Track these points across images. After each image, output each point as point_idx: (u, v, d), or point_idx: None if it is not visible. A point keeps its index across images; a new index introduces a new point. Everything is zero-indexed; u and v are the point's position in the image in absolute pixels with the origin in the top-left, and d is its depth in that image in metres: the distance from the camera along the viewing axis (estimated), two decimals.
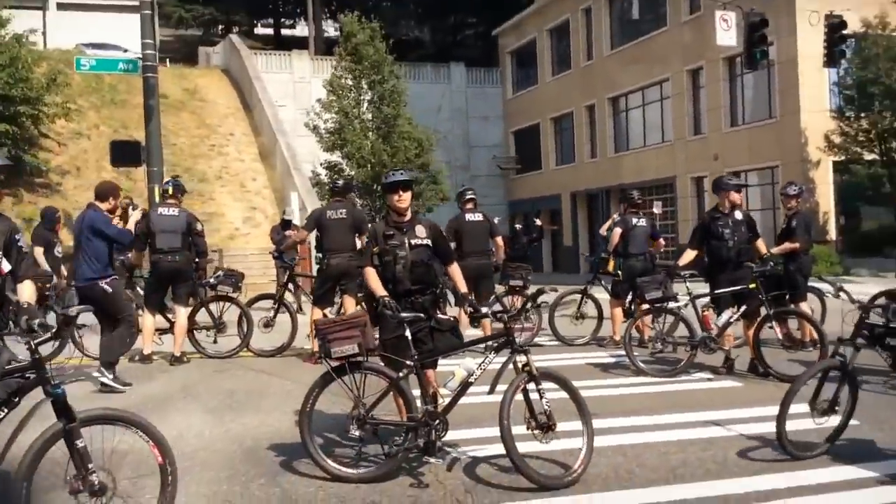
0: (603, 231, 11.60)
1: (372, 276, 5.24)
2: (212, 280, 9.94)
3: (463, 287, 5.42)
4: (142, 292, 9.78)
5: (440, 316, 5.29)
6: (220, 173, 27.08)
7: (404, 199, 5.31)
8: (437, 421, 4.86)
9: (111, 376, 7.72)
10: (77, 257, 7.98)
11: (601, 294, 10.75)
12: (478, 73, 40.93)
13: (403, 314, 4.96)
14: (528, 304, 7.03)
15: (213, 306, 9.99)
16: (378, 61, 25.23)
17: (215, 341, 9.93)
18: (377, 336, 5.25)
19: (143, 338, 9.08)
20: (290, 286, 11.64)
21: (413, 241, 5.30)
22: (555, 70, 35.20)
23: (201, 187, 25.88)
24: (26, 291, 4.19)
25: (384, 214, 5.61)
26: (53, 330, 3.89)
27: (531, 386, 4.77)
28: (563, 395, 4.90)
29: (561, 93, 34.01)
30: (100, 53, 24.64)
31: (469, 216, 9.91)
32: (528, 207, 35.35)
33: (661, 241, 10.45)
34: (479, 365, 4.93)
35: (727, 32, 18.21)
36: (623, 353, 8.59)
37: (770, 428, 5.23)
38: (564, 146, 34.98)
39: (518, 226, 15.67)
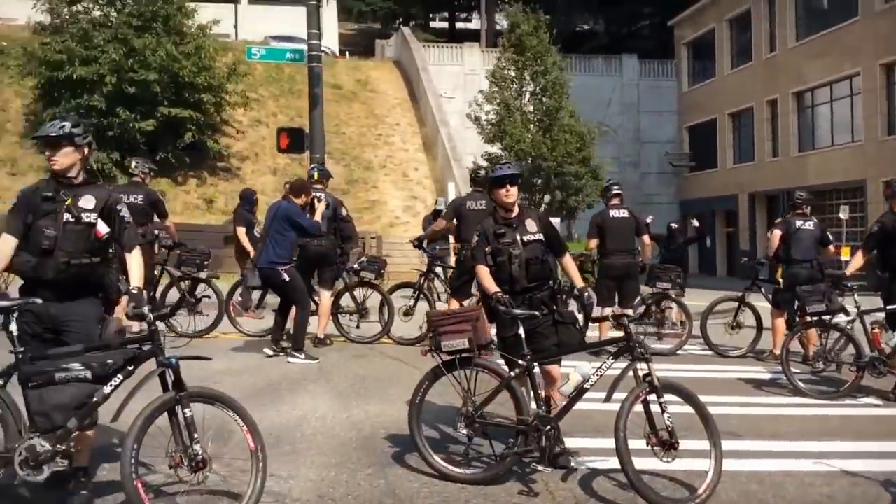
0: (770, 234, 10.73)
1: (484, 275, 5.05)
2: (356, 266, 10.10)
3: (579, 281, 5.16)
4: None
5: (564, 309, 5.06)
6: (385, 162, 27.73)
7: (512, 194, 5.12)
8: (549, 427, 4.58)
9: (302, 356, 8.47)
10: (265, 242, 8.64)
11: (761, 303, 9.93)
12: (651, 65, 39.44)
13: (516, 310, 4.73)
14: (652, 307, 6.57)
15: (356, 292, 10.14)
16: (541, 52, 24.88)
17: (358, 326, 10.09)
18: (496, 334, 5.04)
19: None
20: (434, 277, 11.59)
21: (525, 238, 5.09)
22: (734, 62, 33.25)
23: (366, 175, 26.64)
24: (135, 269, 4.15)
25: (492, 211, 5.39)
26: (167, 310, 4.01)
27: (652, 398, 4.38)
28: (689, 409, 4.47)
29: (741, 86, 32.06)
30: (284, 45, 25.86)
31: (613, 212, 9.43)
32: (702, 207, 33.71)
33: (832, 248, 9.47)
34: (596, 370, 4.60)
35: None
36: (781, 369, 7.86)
37: None
38: (743, 143, 32.99)
39: (674, 225, 14.79)
